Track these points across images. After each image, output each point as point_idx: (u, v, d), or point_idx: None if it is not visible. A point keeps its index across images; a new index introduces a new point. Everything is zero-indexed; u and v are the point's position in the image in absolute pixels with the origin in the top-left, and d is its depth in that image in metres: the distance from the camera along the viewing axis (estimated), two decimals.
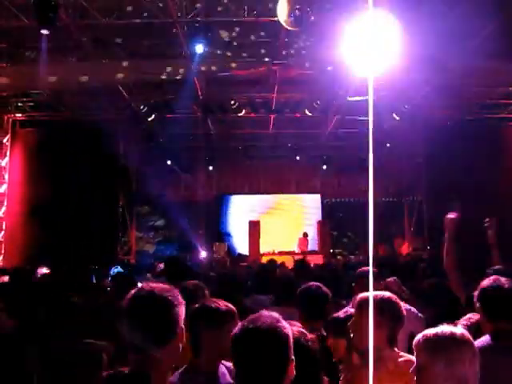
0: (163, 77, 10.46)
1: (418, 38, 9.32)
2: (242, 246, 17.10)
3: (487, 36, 9.14)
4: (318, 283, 3.80)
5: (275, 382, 1.74)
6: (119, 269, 8.09)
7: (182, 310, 1.99)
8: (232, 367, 1.88)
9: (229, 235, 17.95)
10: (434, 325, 2.12)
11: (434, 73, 10.15)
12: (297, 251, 15.52)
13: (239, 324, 1.88)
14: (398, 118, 13.47)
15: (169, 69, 9.89)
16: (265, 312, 1.85)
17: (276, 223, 17.90)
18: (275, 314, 1.84)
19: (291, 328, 1.87)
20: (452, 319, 3.00)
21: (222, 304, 2.64)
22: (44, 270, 6.87)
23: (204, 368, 2.51)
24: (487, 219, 4.44)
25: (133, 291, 2.03)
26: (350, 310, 3.12)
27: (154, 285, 2.05)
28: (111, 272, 7.67)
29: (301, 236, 16.26)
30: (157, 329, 1.92)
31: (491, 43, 9.25)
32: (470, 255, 4.73)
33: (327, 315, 3.45)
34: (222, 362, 2.56)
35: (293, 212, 18.59)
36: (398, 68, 9.79)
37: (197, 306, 2.66)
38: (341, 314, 3.18)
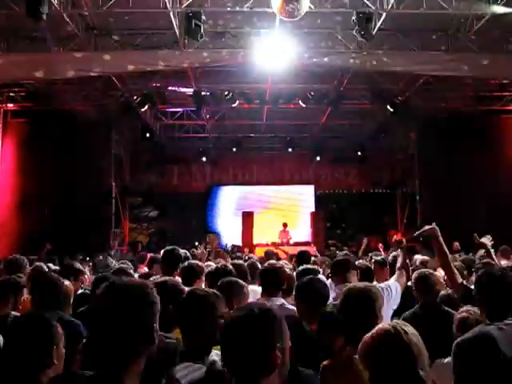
0: (156, 67, 10.41)
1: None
2: (233, 239, 17.04)
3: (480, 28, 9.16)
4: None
5: (258, 367, 1.74)
6: None
7: None
8: None
9: (217, 234, 17.88)
10: None
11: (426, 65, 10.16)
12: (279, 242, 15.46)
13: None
14: (391, 110, 13.48)
15: (162, 59, 9.83)
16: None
17: (268, 215, 17.91)
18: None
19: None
20: None
21: None
22: (52, 266, 6.71)
23: None
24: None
25: None
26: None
27: None
28: None
29: (280, 228, 16.17)
30: None
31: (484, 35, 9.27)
32: None
33: None
34: None
35: (285, 205, 18.54)
36: (391, 59, 9.79)
37: None
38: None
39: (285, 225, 16.17)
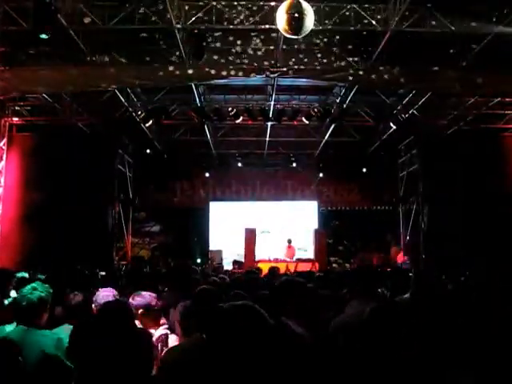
0: (161, 83, 10.48)
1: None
2: (235, 255, 16.94)
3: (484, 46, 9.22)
4: None
5: None
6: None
7: None
8: None
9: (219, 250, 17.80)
10: None
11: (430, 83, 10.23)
12: (283, 259, 15.46)
13: None
14: (394, 127, 13.52)
15: (167, 75, 9.90)
16: None
17: (271, 231, 17.87)
18: None
19: None
20: None
21: None
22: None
23: None
24: None
25: None
26: None
27: None
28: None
29: (286, 244, 16.15)
30: None
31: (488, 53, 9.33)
32: None
33: None
34: None
35: (288, 222, 18.49)
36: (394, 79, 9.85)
37: None
38: None
39: (289, 241, 16.15)
